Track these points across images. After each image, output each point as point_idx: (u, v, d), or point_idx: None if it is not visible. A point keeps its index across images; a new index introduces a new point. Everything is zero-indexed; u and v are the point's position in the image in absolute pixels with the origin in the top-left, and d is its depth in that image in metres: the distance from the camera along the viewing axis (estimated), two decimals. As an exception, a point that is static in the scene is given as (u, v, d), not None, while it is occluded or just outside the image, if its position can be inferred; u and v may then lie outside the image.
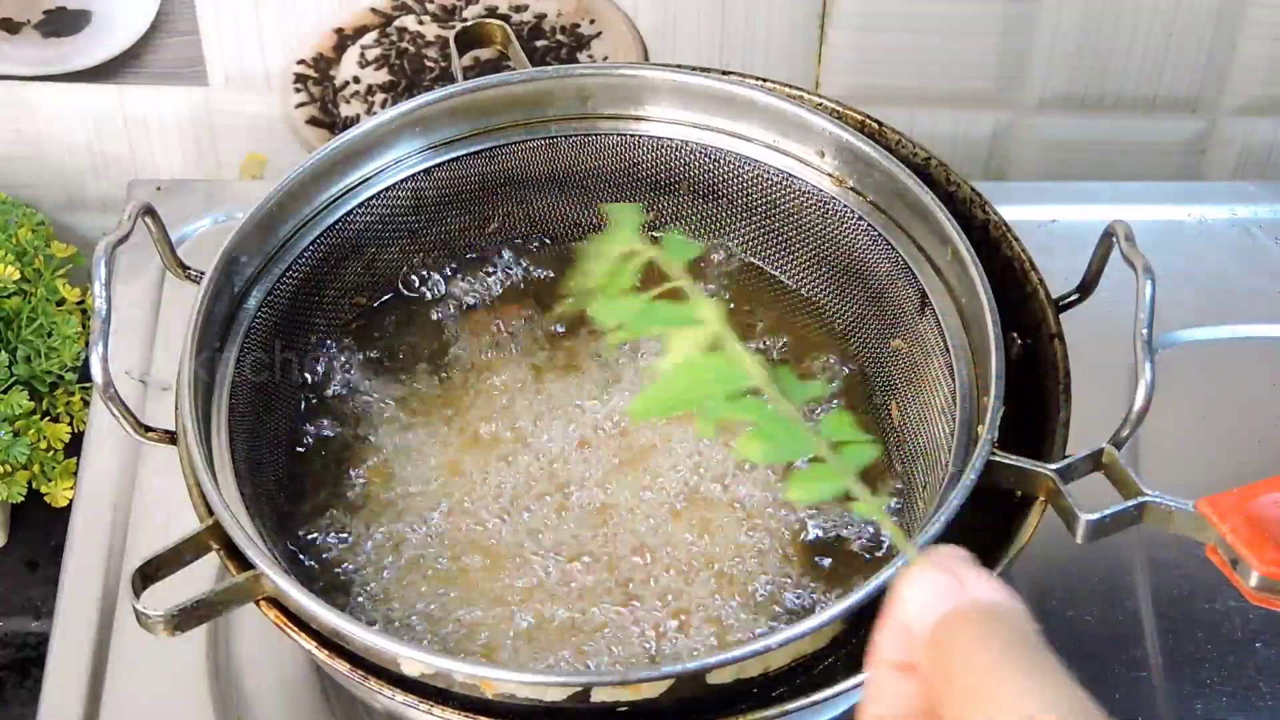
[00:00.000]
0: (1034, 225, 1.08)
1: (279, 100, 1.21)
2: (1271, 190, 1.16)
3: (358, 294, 0.95)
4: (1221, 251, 1.13)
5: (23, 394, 1.06)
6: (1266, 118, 1.22)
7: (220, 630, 0.94)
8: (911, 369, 0.89)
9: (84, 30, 1.17)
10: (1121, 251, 0.82)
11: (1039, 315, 0.86)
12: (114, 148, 1.23)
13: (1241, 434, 1.03)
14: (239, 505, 0.79)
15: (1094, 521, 0.74)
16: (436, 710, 0.72)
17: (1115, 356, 0.84)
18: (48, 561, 1.10)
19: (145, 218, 0.84)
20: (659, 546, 0.86)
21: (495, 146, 0.95)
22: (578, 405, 0.92)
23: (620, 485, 0.88)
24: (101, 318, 0.80)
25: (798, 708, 0.73)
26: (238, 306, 0.87)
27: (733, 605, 0.83)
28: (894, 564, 0.73)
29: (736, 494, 0.88)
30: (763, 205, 0.95)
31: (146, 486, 0.99)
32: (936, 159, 0.92)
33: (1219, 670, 0.93)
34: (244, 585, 0.74)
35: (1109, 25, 1.17)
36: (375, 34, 1.18)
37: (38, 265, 1.13)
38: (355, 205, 0.92)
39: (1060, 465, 0.77)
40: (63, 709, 0.91)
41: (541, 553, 0.85)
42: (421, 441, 0.90)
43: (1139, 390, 0.77)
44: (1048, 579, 0.96)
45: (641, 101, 0.95)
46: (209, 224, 1.13)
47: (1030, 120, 1.22)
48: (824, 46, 1.18)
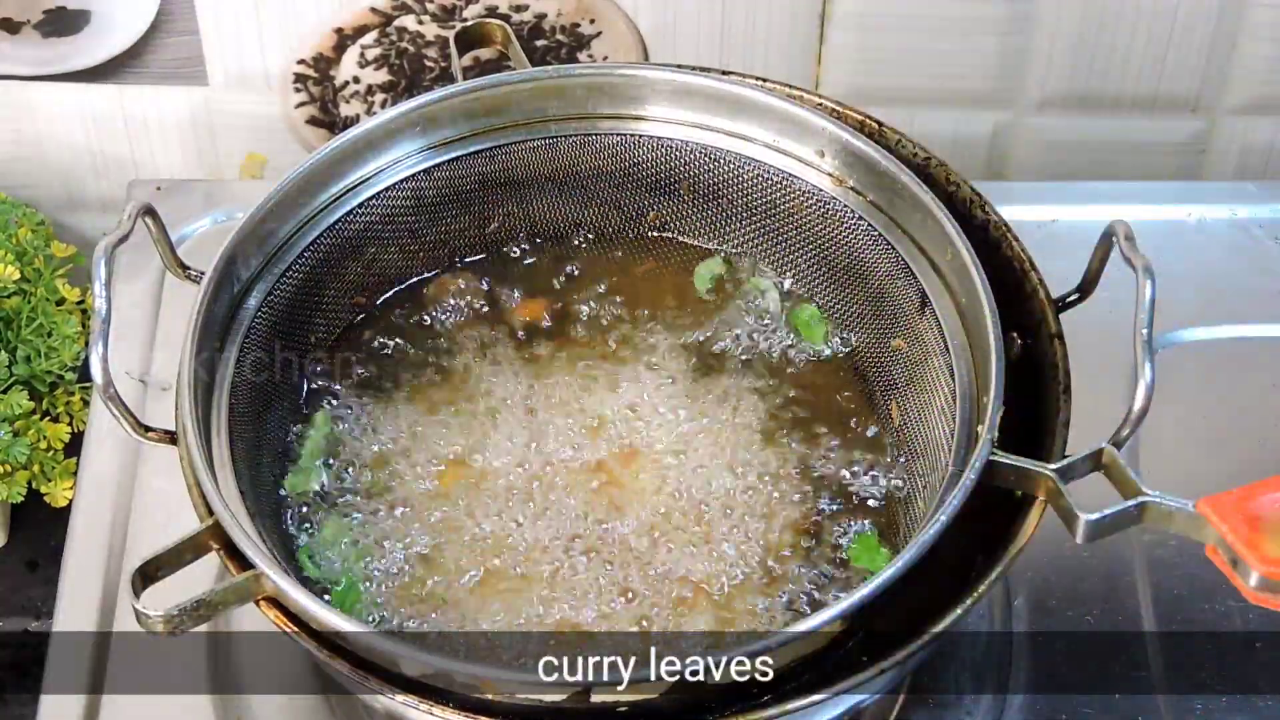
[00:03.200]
0: (1034, 225, 1.08)
1: (279, 100, 1.21)
2: (1271, 190, 1.16)
3: (358, 294, 0.95)
4: (1221, 251, 1.13)
5: (23, 394, 1.06)
6: (1266, 118, 1.22)
7: (220, 630, 0.94)
8: (911, 369, 0.89)
9: (84, 30, 1.17)
10: (1121, 251, 0.82)
11: (1039, 315, 0.86)
12: (114, 148, 1.23)
13: (1241, 434, 1.03)
14: (239, 505, 0.79)
15: (1094, 521, 0.74)
16: (436, 710, 0.72)
17: (1115, 356, 0.84)
18: (48, 561, 1.10)
19: (145, 218, 0.84)
20: (660, 547, 0.85)
21: (495, 146, 0.95)
22: (578, 404, 0.92)
23: (620, 485, 0.88)
24: (101, 318, 0.80)
25: (798, 708, 0.73)
26: (238, 306, 0.87)
27: (733, 605, 0.83)
28: (893, 566, 0.73)
29: (738, 493, 0.88)
30: (763, 205, 0.95)
31: (146, 486, 0.99)
32: (936, 159, 0.92)
33: (1219, 670, 0.93)
34: (244, 585, 0.74)
35: (1109, 25, 1.17)
36: (375, 34, 1.18)
37: (38, 265, 1.13)
38: (355, 205, 0.92)
39: (1060, 465, 0.77)
40: (63, 709, 0.91)
41: (543, 551, 0.85)
42: (421, 441, 0.90)
43: (1139, 390, 0.77)
44: (1048, 579, 0.96)
45: (641, 101, 0.95)
46: (209, 224, 1.13)
47: (1030, 120, 1.22)
48: (824, 46, 1.18)
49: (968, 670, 0.93)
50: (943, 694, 0.92)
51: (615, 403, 0.92)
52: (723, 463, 0.89)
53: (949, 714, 0.91)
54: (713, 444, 0.90)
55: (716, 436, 0.90)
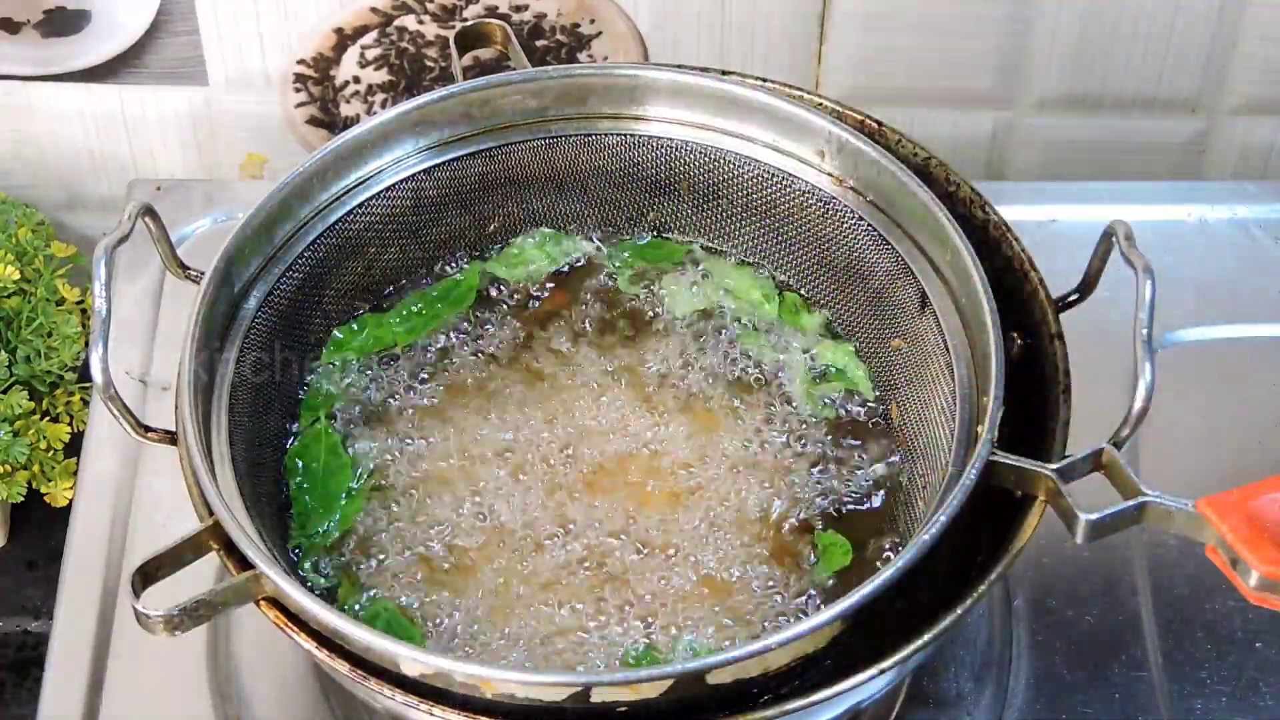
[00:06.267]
0: (1034, 225, 1.08)
1: (279, 100, 1.21)
2: (1271, 190, 1.16)
3: (358, 294, 0.95)
4: (1221, 251, 1.13)
5: (23, 394, 1.06)
6: (1266, 118, 1.22)
7: (220, 630, 0.94)
8: (911, 369, 0.89)
9: (84, 30, 1.17)
10: (1121, 251, 0.82)
11: (1039, 315, 0.86)
12: (114, 148, 1.23)
13: (1241, 434, 1.03)
14: (239, 505, 0.79)
15: (1094, 521, 0.74)
16: (436, 710, 0.72)
17: (1115, 356, 0.84)
18: (48, 561, 1.10)
19: (145, 218, 0.84)
20: (660, 547, 0.86)
21: (495, 146, 0.95)
22: (579, 404, 0.92)
23: (620, 485, 0.88)
24: (101, 318, 0.80)
25: (798, 708, 0.73)
26: (238, 306, 0.87)
27: (733, 605, 0.83)
28: (893, 566, 0.73)
29: (738, 494, 0.88)
30: (763, 205, 0.95)
31: (146, 486, 0.99)
32: (936, 159, 0.92)
33: (1219, 670, 0.93)
34: (244, 585, 0.74)
35: (1109, 25, 1.17)
36: (375, 34, 1.18)
37: (38, 265, 1.13)
38: (355, 205, 0.92)
39: (1060, 465, 0.77)
40: (63, 709, 0.91)
41: (543, 551, 0.85)
42: (421, 440, 0.90)
43: (1139, 390, 0.77)
44: (1048, 579, 0.96)
45: (641, 101, 0.95)
46: (209, 224, 1.13)
47: (1030, 120, 1.22)
48: (824, 46, 1.18)
49: (968, 670, 0.93)
50: (943, 694, 0.92)
51: (616, 403, 0.92)
52: (723, 462, 0.89)
53: (949, 714, 0.91)
54: (713, 444, 0.90)
55: (717, 437, 0.90)
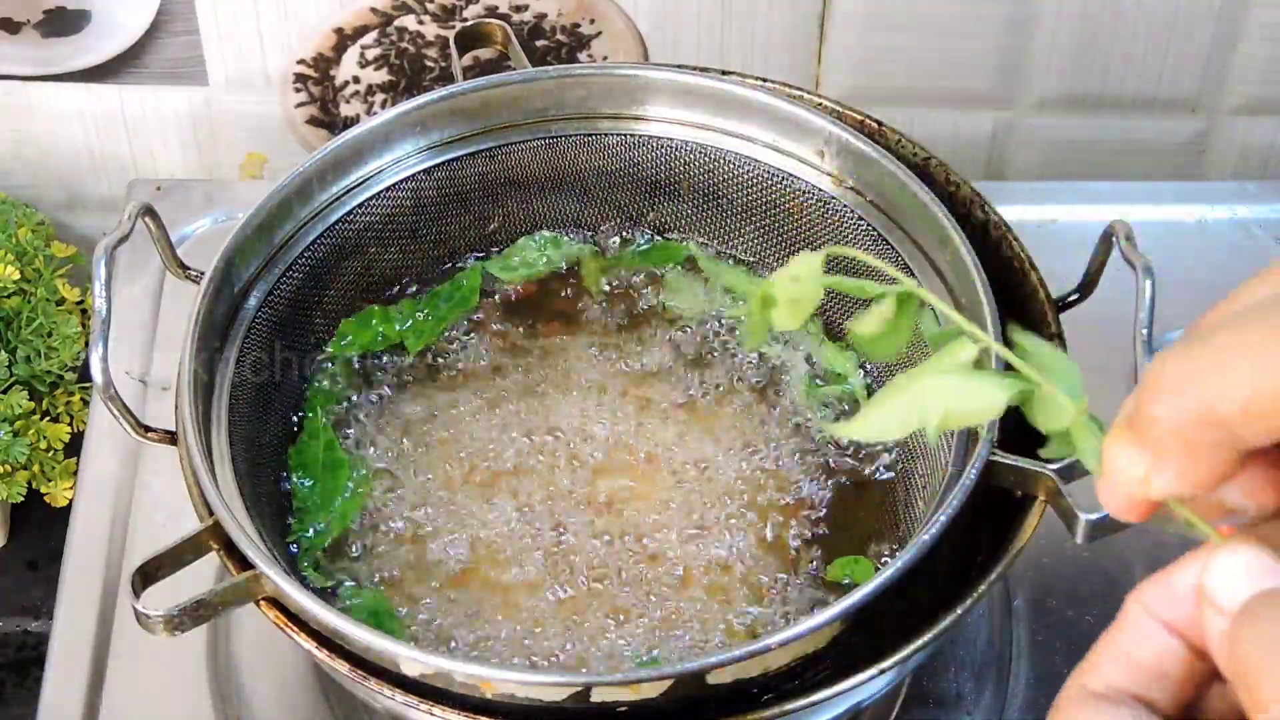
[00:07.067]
0: (1034, 225, 1.08)
1: (279, 100, 1.21)
2: (1271, 190, 1.16)
3: (358, 294, 0.95)
4: (1222, 251, 1.13)
5: (23, 394, 1.06)
6: (1266, 118, 1.22)
7: (220, 630, 0.94)
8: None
9: (84, 30, 1.17)
10: (1121, 251, 0.82)
11: (1039, 315, 0.86)
12: (114, 148, 1.23)
13: (1241, 434, 1.03)
14: (239, 505, 0.79)
15: (1094, 521, 0.74)
16: (436, 710, 0.72)
17: (1115, 356, 0.84)
18: (48, 561, 1.10)
19: (145, 218, 0.84)
20: (660, 547, 0.86)
21: (495, 146, 0.95)
22: (579, 406, 0.92)
23: (620, 486, 0.88)
24: (101, 318, 0.80)
25: (797, 708, 0.73)
26: (238, 306, 0.87)
27: (733, 605, 0.83)
28: (893, 566, 0.73)
29: (738, 495, 0.88)
30: (763, 205, 0.95)
31: (146, 486, 0.99)
32: (936, 159, 0.92)
33: (1219, 670, 0.93)
34: (244, 585, 0.74)
35: (1109, 25, 1.17)
36: (375, 34, 1.18)
37: (38, 265, 1.13)
38: (355, 205, 0.92)
39: (1060, 465, 0.77)
40: (63, 709, 0.91)
41: (544, 551, 0.85)
42: (421, 441, 0.90)
43: (1139, 390, 0.77)
44: (1048, 579, 0.96)
45: (641, 101, 0.95)
46: (209, 224, 1.13)
47: (1030, 120, 1.22)
48: (824, 46, 1.18)
49: (968, 670, 0.93)
50: (943, 694, 0.92)
51: (617, 403, 0.92)
52: (723, 464, 0.89)
53: (949, 714, 0.91)
54: (714, 445, 0.90)
55: (718, 438, 0.90)
